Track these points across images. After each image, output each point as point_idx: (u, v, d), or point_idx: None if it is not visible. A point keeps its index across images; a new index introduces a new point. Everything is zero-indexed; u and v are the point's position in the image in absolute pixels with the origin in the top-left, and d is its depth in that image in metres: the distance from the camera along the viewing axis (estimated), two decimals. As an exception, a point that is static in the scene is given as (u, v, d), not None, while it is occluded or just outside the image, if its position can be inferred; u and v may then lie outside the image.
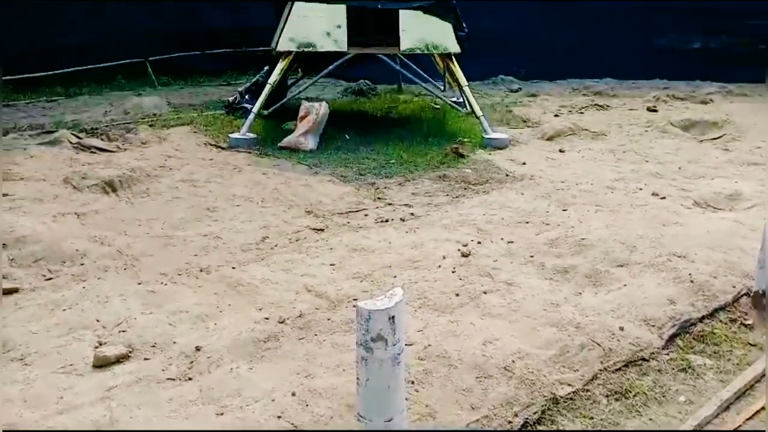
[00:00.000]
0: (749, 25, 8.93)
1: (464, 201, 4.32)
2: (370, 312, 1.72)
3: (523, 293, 2.97)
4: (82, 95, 7.21)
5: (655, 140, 5.84)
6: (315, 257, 3.42)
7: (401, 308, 1.76)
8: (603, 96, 7.87)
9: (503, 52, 8.75)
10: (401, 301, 1.76)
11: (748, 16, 8.90)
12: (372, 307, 1.72)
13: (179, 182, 4.48)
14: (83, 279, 3.11)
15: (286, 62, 5.79)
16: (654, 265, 3.21)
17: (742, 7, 8.84)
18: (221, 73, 8.43)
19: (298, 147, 5.41)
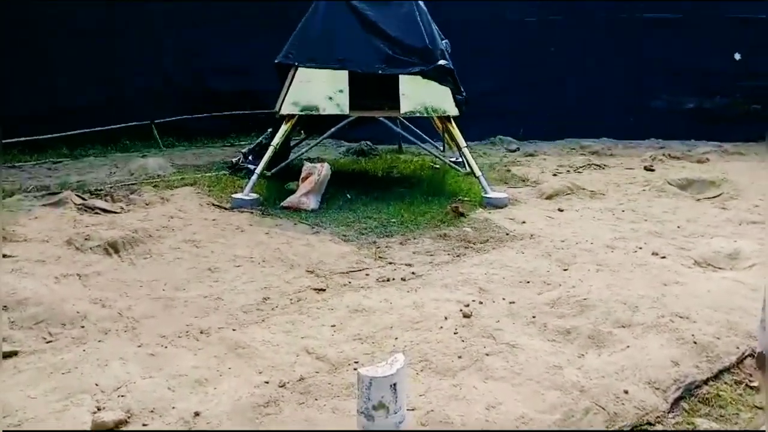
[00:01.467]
0: (741, 85, 9.17)
1: (465, 260, 4.34)
2: (372, 379, 1.72)
3: (526, 355, 2.95)
4: (88, 157, 7.34)
5: (653, 199, 5.90)
6: (316, 318, 3.41)
7: (403, 375, 1.76)
8: (600, 155, 7.99)
9: (501, 113, 8.95)
10: (403, 367, 1.75)
11: (740, 78, 9.15)
12: (373, 374, 1.72)
13: (181, 243, 4.51)
14: (83, 342, 3.10)
15: (290, 125, 5.93)
16: (656, 326, 3.20)
17: (734, 69, 9.11)
18: (225, 135, 8.59)
19: (300, 207, 5.47)
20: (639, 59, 9.21)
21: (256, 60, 7.89)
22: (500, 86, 8.94)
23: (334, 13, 5.86)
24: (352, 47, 5.78)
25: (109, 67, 7.85)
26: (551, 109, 9.10)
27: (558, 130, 9.03)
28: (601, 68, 9.19)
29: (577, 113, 9.12)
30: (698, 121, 9.22)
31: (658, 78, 9.30)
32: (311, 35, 5.84)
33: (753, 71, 9.09)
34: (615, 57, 9.20)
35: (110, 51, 7.83)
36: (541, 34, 9.22)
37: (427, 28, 5.86)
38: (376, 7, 5.90)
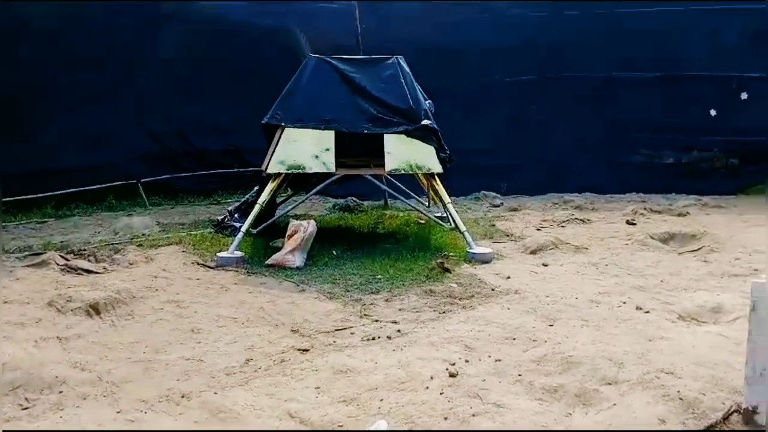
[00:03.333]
0: (718, 140, 9.44)
1: (451, 316, 4.32)
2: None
3: (513, 415, 2.92)
4: (73, 216, 7.32)
5: (635, 253, 5.96)
6: (300, 380, 3.36)
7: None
8: (583, 210, 8.10)
9: (484, 169, 9.12)
10: (384, 431, 1.73)
11: (716, 133, 9.43)
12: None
13: (164, 303, 4.47)
14: (61, 408, 3.02)
15: (276, 183, 5.98)
16: (642, 383, 3.18)
17: (710, 124, 9.39)
18: (211, 193, 8.64)
19: (286, 264, 5.46)
20: (618, 116, 9.49)
21: (241, 120, 8.04)
22: (484, 143, 9.15)
23: (320, 75, 6.02)
24: (338, 108, 5.92)
25: (96, 127, 7.93)
26: (534, 165, 9.29)
27: (541, 185, 9.19)
28: (582, 125, 9.45)
29: (559, 169, 9.31)
30: (678, 175, 9.45)
31: (637, 134, 9.56)
32: (298, 96, 5.98)
33: (729, 127, 9.38)
34: (595, 115, 9.48)
35: (98, 112, 7.92)
36: (523, 93, 9.50)
37: (410, 88, 6.02)
38: (360, 68, 6.07)
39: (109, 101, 8.01)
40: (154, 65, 8.35)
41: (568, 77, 9.53)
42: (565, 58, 9.49)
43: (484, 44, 9.35)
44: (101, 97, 7.93)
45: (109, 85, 7.98)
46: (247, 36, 8.77)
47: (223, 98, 8.57)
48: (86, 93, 7.79)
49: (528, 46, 9.44)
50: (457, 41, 9.31)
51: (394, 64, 6.08)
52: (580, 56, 9.45)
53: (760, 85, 9.29)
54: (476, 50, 9.35)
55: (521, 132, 9.46)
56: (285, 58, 8.08)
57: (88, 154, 7.87)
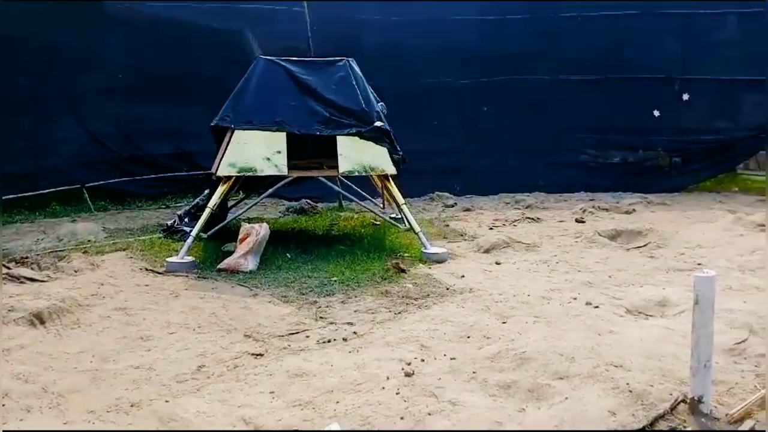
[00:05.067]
0: (662, 140, 9.78)
1: (407, 316, 4.33)
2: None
3: (468, 413, 2.94)
4: (14, 223, 7.03)
5: (584, 250, 6.10)
6: (254, 385, 3.31)
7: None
8: (533, 209, 8.26)
9: (438, 170, 9.23)
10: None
11: (660, 133, 9.76)
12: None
13: (112, 311, 4.33)
14: (3, 422, 2.88)
15: (227, 186, 5.88)
16: (593, 376, 3.25)
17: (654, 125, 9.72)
18: (161, 197, 8.45)
19: (238, 268, 5.37)
20: (565, 118, 9.72)
21: (190, 122, 7.88)
22: (436, 145, 9.24)
23: (270, 76, 5.96)
24: (288, 109, 5.86)
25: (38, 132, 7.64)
26: (486, 166, 9.44)
27: (493, 185, 9.33)
28: (531, 127, 9.64)
29: (511, 169, 9.48)
30: (624, 174, 9.75)
31: (584, 135, 9.82)
32: (247, 98, 5.90)
33: (672, 127, 9.73)
34: (543, 116, 9.69)
35: (40, 116, 7.63)
36: (475, 96, 9.65)
37: (362, 90, 6.02)
38: (311, 70, 6.04)
39: (52, 105, 7.74)
40: (99, 68, 8.10)
41: (517, 80, 9.72)
42: (513, 61, 9.69)
43: (435, 47, 9.46)
44: (43, 100, 7.64)
45: (52, 88, 7.70)
46: (196, 38, 8.62)
47: (171, 101, 8.40)
48: (27, 96, 7.49)
49: (478, 49, 9.59)
50: (409, 44, 9.38)
51: (345, 66, 6.07)
52: (528, 59, 9.66)
53: (700, 86, 9.67)
54: (427, 53, 9.45)
55: (473, 133, 9.59)
56: (235, 61, 7.97)
57: (30, 159, 7.57)
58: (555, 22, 9.62)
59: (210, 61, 8.61)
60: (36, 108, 7.61)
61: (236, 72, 6.35)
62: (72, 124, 7.96)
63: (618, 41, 9.64)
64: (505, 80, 9.72)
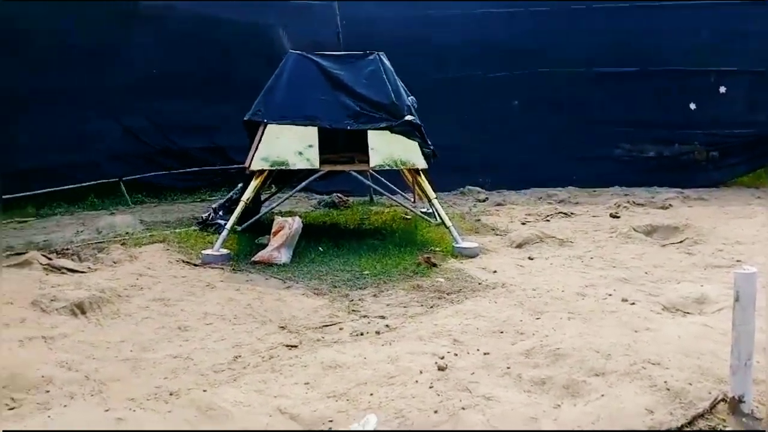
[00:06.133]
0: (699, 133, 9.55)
1: (439, 311, 4.34)
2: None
3: (502, 408, 2.93)
4: (55, 216, 7.21)
5: (620, 246, 6.01)
6: (289, 376, 3.35)
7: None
8: (566, 204, 8.16)
9: (469, 165, 9.15)
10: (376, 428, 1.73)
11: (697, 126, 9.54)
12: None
13: (150, 302, 4.43)
14: (48, 407, 2.98)
15: (260, 180, 5.94)
16: (629, 374, 3.22)
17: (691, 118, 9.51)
18: (195, 191, 8.56)
19: (272, 261, 5.43)
20: (599, 111, 9.55)
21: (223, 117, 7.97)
22: (468, 139, 9.17)
23: (301, 72, 5.98)
24: (319, 104, 5.88)
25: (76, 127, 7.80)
26: (518, 160, 9.33)
27: (524, 180, 9.23)
28: (564, 120, 9.49)
29: (543, 163, 9.36)
30: (659, 168, 9.54)
31: (619, 128, 9.64)
32: (279, 92, 5.94)
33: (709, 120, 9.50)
34: (576, 109, 9.53)
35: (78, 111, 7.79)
36: (505, 89, 9.53)
37: (392, 84, 6.01)
38: (342, 64, 6.05)
39: (89, 100, 7.87)
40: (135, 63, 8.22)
41: (548, 73, 9.58)
42: (544, 54, 9.53)
43: (464, 41, 9.37)
44: (81, 96, 7.79)
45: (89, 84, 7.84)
46: (228, 33, 8.69)
47: (203, 96, 8.48)
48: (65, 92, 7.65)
49: (508, 42, 9.47)
50: (439, 38, 9.32)
51: (375, 60, 6.06)
52: (560, 52, 9.50)
53: (737, 79, 9.42)
54: (456, 47, 9.37)
55: (504, 127, 9.48)
56: (266, 56, 8.02)
57: (69, 153, 7.74)
58: (587, 13, 9.46)
59: (241, 56, 8.67)
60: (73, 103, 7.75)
61: (267, 67, 6.39)
62: (108, 118, 8.09)
63: (652, 32, 9.43)
64: (535, 73, 9.58)
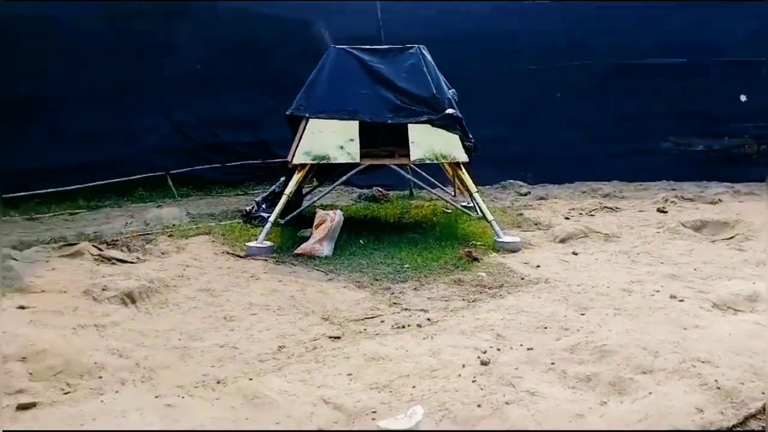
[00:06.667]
0: (750, 126, 9.24)
1: (480, 305, 4.31)
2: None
3: (547, 403, 2.90)
4: (104, 208, 7.44)
5: (667, 241, 5.87)
6: (332, 367, 3.39)
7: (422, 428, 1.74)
8: (611, 198, 8.00)
9: (510, 158, 9.06)
10: (422, 420, 1.74)
11: (748, 119, 9.23)
12: (393, 428, 1.70)
13: (197, 292, 4.53)
14: (101, 393, 3.08)
15: (302, 174, 6.01)
16: (678, 372, 3.15)
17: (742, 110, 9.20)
18: (239, 184, 8.71)
19: (314, 253, 5.49)
20: (645, 103, 9.34)
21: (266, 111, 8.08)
22: (509, 132, 9.08)
23: (343, 66, 6.01)
24: (361, 98, 5.90)
25: (124, 120, 8.02)
26: (561, 153, 9.20)
27: (568, 173, 9.09)
28: (609, 112, 9.32)
29: (587, 157, 9.21)
30: (709, 162, 9.29)
31: (666, 121, 9.41)
32: (320, 87, 5.98)
33: (760, 112, 9.18)
34: (622, 101, 9.34)
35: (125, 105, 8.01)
36: (548, 81, 9.40)
37: (433, 77, 5.98)
38: (383, 58, 6.05)
39: (136, 95, 8.09)
40: (180, 59, 8.40)
41: (592, 65, 9.41)
42: (588, 45, 9.36)
43: (505, 33, 9.27)
44: (130, 92, 8.01)
45: (136, 78, 8.05)
46: (270, 29, 8.79)
47: (247, 91, 8.62)
48: (113, 86, 7.87)
49: (551, 34, 9.32)
50: (479, 30, 9.24)
51: (416, 54, 6.05)
52: (605, 44, 9.32)
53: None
54: (500, 39, 9.27)
55: (547, 120, 9.36)
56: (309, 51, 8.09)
57: (118, 147, 7.97)
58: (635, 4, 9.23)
59: (284, 51, 8.77)
60: (123, 99, 7.97)
61: (308, 61, 6.44)
62: (154, 113, 8.30)
63: (700, 23, 9.15)
64: (579, 65, 9.42)
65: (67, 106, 7.62)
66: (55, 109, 7.58)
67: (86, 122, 7.74)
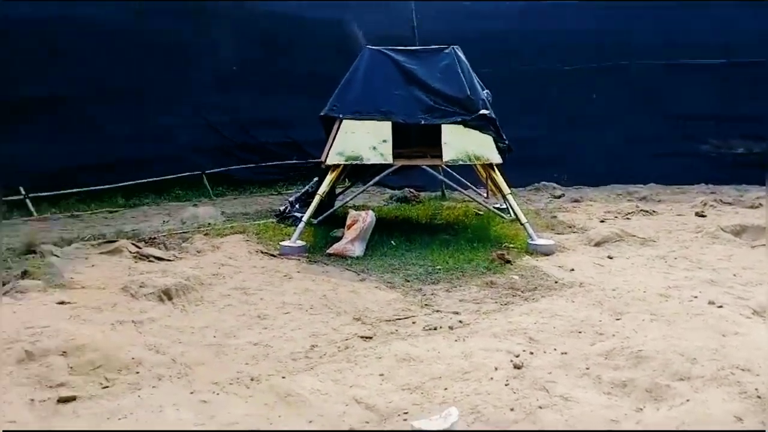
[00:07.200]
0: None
1: (513, 308, 4.28)
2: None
3: (581, 409, 2.87)
4: (142, 206, 7.61)
5: (706, 246, 5.74)
6: (364, 367, 3.40)
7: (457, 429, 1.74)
8: (648, 201, 7.86)
9: (544, 160, 8.97)
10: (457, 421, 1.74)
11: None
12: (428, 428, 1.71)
13: (231, 290, 4.60)
14: (138, 387, 3.15)
15: (335, 174, 6.05)
16: (717, 379, 3.08)
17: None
18: (272, 184, 8.82)
19: (346, 254, 5.52)
20: (683, 105, 9.15)
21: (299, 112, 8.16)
22: (544, 133, 8.99)
23: (377, 66, 6.03)
24: (394, 99, 5.92)
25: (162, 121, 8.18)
26: (596, 155, 9.07)
27: (603, 175, 8.97)
28: (645, 114, 9.16)
29: (623, 159, 9.06)
30: (748, 165, 9.04)
31: (704, 123, 9.20)
32: (354, 88, 6.01)
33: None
34: (659, 103, 9.17)
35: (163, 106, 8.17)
36: (583, 82, 9.28)
37: (467, 78, 5.96)
38: (417, 59, 6.06)
39: (173, 95, 8.24)
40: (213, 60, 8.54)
41: (628, 65, 9.26)
42: (624, 45, 9.22)
43: (540, 32, 9.18)
44: (165, 91, 8.17)
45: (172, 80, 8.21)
46: (303, 30, 8.87)
47: (280, 91, 8.71)
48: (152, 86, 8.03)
49: (586, 33, 9.20)
50: (513, 30, 9.17)
51: (450, 54, 6.03)
52: (641, 43, 9.15)
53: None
54: (534, 38, 9.19)
55: (582, 121, 9.24)
56: (341, 51, 8.14)
57: (155, 146, 8.13)
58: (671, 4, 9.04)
59: (316, 52, 8.84)
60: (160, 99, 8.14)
61: (342, 62, 6.49)
62: (191, 113, 8.45)
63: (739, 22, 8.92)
64: (615, 66, 9.29)
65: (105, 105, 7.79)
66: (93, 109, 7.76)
67: (124, 122, 7.91)
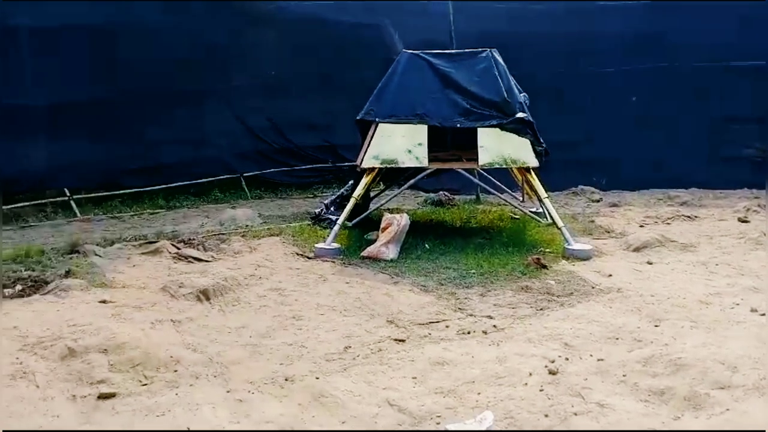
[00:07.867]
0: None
1: (549, 314, 4.24)
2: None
3: (617, 416, 2.83)
4: (182, 208, 7.77)
5: (749, 252, 5.58)
6: (397, 369, 3.42)
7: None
8: (689, 206, 7.67)
9: (582, 163, 8.83)
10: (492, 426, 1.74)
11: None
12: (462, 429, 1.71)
13: (268, 291, 4.66)
14: (176, 386, 3.23)
15: (370, 177, 6.08)
16: (758, 388, 3.00)
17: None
18: (308, 187, 8.90)
19: (380, 256, 5.54)
20: (726, 107, 8.90)
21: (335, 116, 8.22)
22: (582, 136, 8.86)
23: (414, 70, 6.04)
24: (430, 102, 5.92)
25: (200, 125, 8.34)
26: (635, 159, 8.89)
27: (643, 179, 8.78)
28: (686, 117, 8.94)
29: (663, 163, 8.87)
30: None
31: (748, 126, 8.92)
32: (391, 92, 6.03)
33: None
34: (700, 105, 8.94)
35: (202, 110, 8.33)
36: (622, 84, 9.11)
37: (504, 81, 5.92)
38: (454, 62, 6.05)
39: (211, 100, 8.40)
40: (252, 64, 8.67)
41: (669, 67, 9.05)
42: (664, 47, 9.01)
43: (579, 34, 9.04)
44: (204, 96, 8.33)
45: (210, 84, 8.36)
46: (340, 33, 8.93)
47: (317, 95, 8.79)
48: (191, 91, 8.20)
49: (626, 35, 9.03)
50: (552, 32, 9.06)
51: (488, 57, 6.00)
52: (682, 45, 8.93)
53: None
54: (571, 40, 9.06)
55: (621, 125, 9.06)
56: (377, 55, 8.17)
57: (195, 149, 8.29)
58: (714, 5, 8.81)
59: (354, 56, 8.89)
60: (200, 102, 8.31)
61: (379, 66, 6.51)
62: (230, 117, 8.59)
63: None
64: (655, 68, 9.08)
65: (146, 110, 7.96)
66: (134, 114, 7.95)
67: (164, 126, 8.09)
